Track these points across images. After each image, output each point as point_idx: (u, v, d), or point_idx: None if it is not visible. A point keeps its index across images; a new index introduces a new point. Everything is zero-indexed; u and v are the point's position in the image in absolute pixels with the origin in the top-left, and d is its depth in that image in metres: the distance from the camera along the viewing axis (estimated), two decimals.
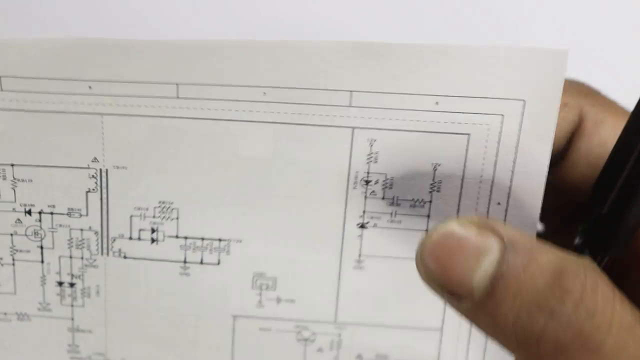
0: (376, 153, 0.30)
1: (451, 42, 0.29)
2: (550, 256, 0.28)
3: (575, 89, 0.32)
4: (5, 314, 0.34)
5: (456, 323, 0.33)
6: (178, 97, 0.30)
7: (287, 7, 0.50)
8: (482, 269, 0.28)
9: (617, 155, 0.31)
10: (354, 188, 0.31)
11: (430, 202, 0.31)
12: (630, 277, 0.34)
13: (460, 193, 0.31)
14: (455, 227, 0.28)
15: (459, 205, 0.31)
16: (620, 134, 0.31)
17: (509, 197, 0.31)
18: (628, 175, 0.31)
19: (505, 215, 0.31)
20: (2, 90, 0.29)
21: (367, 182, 0.31)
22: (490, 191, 0.31)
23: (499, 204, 0.31)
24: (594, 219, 0.32)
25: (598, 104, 0.33)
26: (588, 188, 0.32)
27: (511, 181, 0.30)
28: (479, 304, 0.28)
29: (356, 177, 0.31)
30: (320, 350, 0.34)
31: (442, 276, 0.29)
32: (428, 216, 0.32)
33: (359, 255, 0.32)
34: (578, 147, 0.33)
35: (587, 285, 0.28)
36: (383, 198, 0.31)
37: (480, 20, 0.51)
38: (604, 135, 0.32)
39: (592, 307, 0.28)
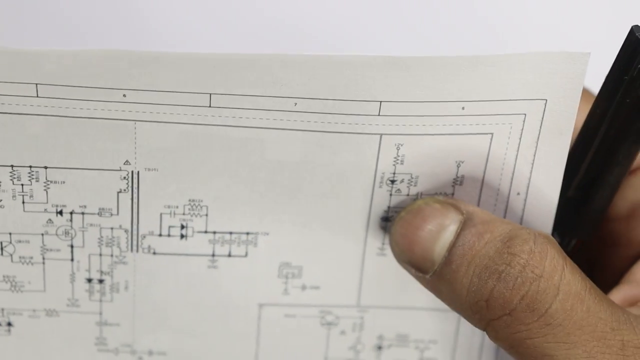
0: (402, 156, 0.32)
1: (478, 53, 0.30)
2: (504, 227, 0.30)
3: None
4: (34, 310, 0.35)
5: None
6: (210, 106, 0.30)
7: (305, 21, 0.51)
8: (442, 240, 0.30)
9: (582, 140, 0.32)
10: (380, 187, 0.32)
11: (453, 194, 0.33)
12: (598, 262, 0.36)
13: (482, 185, 0.32)
14: (420, 204, 0.31)
15: (479, 195, 0.33)
16: (585, 120, 0.32)
17: (528, 188, 0.32)
18: (592, 159, 0.32)
19: (524, 205, 0.33)
20: (38, 96, 0.30)
21: (393, 181, 0.32)
22: (511, 182, 0.32)
23: (518, 194, 0.33)
24: (560, 202, 0.33)
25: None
26: None
27: (531, 173, 0.32)
28: (439, 274, 0.31)
29: (382, 178, 0.32)
30: (343, 332, 0.35)
31: (408, 251, 0.31)
32: None
33: (382, 244, 0.34)
34: None
35: (536, 250, 0.29)
36: (408, 195, 0.33)
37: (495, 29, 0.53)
38: (579, 123, 0.33)
39: (538, 271, 0.29)
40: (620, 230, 0.35)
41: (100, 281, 0.34)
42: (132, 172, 0.32)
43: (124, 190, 0.32)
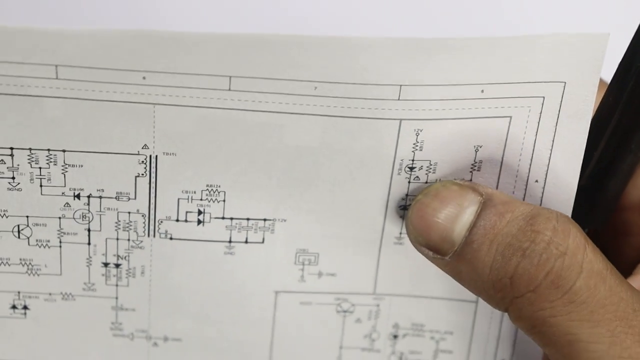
0: (422, 142, 0.31)
1: (496, 35, 0.30)
2: (525, 207, 0.30)
3: None
4: (50, 294, 0.35)
5: None
6: (230, 90, 0.30)
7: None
8: (462, 221, 0.30)
9: (594, 128, 0.32)
10: (398, 174, 0.32)
11: (471, 180, 0.33)
12: (611, 251, 0.36)
13: (500, 171, 0.32)
14: (437, 187, 0.31)
15: (498, 182, 0.33)
16: (597, 108, 0.32)
17: (546, 175, 0.32)
18: (605, 148, 0.32)
19: (543, 192, 0.32)
20: (57, 78, 0.30)
21: (412, 168, 0.32)
22: (529, 169, 0.32)
23: (536, 181, 0.32)
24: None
25: None
26: None
27: (549, 159, 0.32)
28: (460, 254, 0.30)
29: (401, 165, 0.32)
30: (358, 320, 0.35)
31: (425, 234, 0.31)
32: None
33: (400, 233, 0.34)
34: None
35: (559, 228, 0.29)
36: (426, 182, 0.33)
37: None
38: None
39: (562, 248, 0.29)
40: (633, 219, 0.35)
41: (117, 265, 0.34)
42: (150, 156, 0.32)
43: (142, 174, 0.32)
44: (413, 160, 0.32)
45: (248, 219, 0.33)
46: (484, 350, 0.36)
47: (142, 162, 0.32)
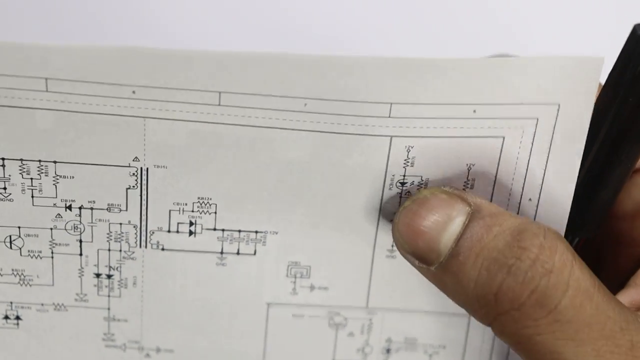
0: (413, 158, 0.31)
1: (491, 55, 0.29)
2: (513, 220, 0.30)
3: None
4: (42, 304, 0.35)
5: None
6: (220, 105, 0.30)
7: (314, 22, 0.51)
8: (449, 232, 0.30)
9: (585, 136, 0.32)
10: (390, 189, 0.32)
11: None
12: (604, 260, 0.35)
13: (493, 190, 0.32)
14: (426, 194, 0.31)
15: (491, 201, 0.32)
16: (591, 114, 0.31)
17: (540, 194, 0.32)
18: (595, 158, 0.32)
19: (536, 210, 0.32)
20: (47, 91, 0.30)
21: (403, 184, 0.32)
22: (522, 188, 0.32)
23: (530, 200, 0.32)
24: None
25: None
26: None
27: (543, 179, 0.32)
28: (445, 266, 0.30)
29: (392, 180, 0.32)
30: (351, 334, 0.35)
31: (412, 241, 0.30)
32: None
33: (392, 246, 0.33)
34: None
35: (546, 245, 0.29)
36: None
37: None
38: None
39: (549, 266, 0.29)
40: (625, 229, 0.35)
41: (109, 276, 0.34)
42: (142, 168, 0.32)
43: (133, 186, 0.32)
44: (404, 176, 0.32)
45: (240, 231, 0.33)
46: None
47: (134, 174, 0.32)
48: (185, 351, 0.36)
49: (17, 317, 0.35)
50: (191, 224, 0.33)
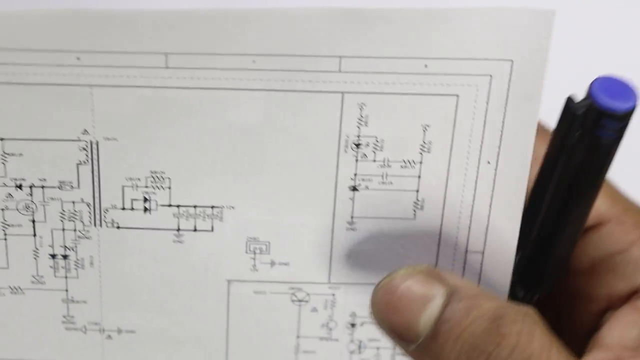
0: (366, 117, 0.31)
1: (438, 5, 0.29)
2: (491, 303, 0.30)
3: None
4: None
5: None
6: (167, 67, 0.30)
7: None
8: (428, 314, 0.30)
9: (533, 200, 0.33)
10: (345, 152, 0.31)
11: (421, 162, 0.32)
12: (564, 313, 0.36)
13: (450, 153, 0.31)
14: (404, 274, 0.31)
15: (449, 165, 0.32)
16: (535, 181, 0.33)
17: (498, 156, 0.31)
18: (544, 218, 0.33)
19: (495, 174, 0.31)
20: None
21: (358, 145, 0.31)
22: (480, 150, 0.31)
23: (488, 162, 0.31)
24: (520, 259, 0.33)
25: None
26: None
27: (500, 140, 0.31)
28: (424, 347, 0.30)
29: (347, 141, 0.31)
30: (314, 310, 0.34)
31: (391, 320, 0.31)
32: (419, 177, 0.32)
33: (352, 217, 0.33)
34: None
35: (524, 331, 0.29)
36: (374, 161, 0.32)
37: None
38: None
39: (527, 353, 0.29)
40: (582, 285, 0.35)
41: (65, 257, 0.33)
42: (91, 142, 0.31)
43: (84, 162, 0.32)
44: (359, 137, 0.31)
45: (195, 206, 0.33)
46: None
47: (84, 148, 0.31)
48: (147, 331, 0.35)
49: None
50: (145, 200, 0.32)
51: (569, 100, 0.30)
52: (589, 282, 0.35)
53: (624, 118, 0.29)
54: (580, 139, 0.30)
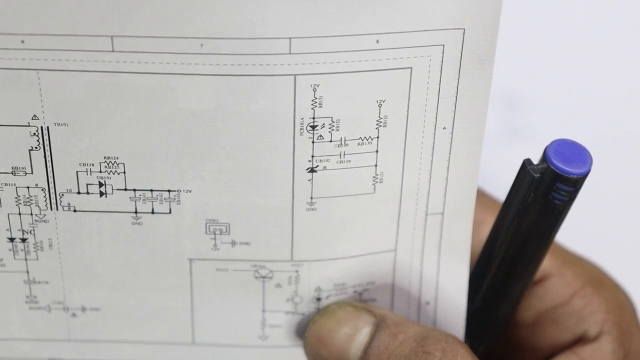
0: (320, 98, 0.30)
1: None
2: (417, 328, 0.32)
3: None
4: None
5: (409, 242, 0.34)
6: (113, 51, 0.29)
7: None
8: (357, 342, 0.32)
9: (484, 258, 0.34)
10: (301, 134, 0.31)
11: (378, 137, 0.31)
12: None
13: (407, 124, 0.31)
14: (333, 308, 0.33)
15: (405, 136, 0.31)
16: (486, 240, 0.34)
17: (454, 121, 0.31)
18: (494, 276, 0.34)
19: (452, 138, 0.31)
20: None
21: (314, 127, 0.31)
22: (436, 117, 0.31)
23: (444, 128, 0.31)
24: (468, 312, 0.35)
25: (482, 204, 0.36)
26: None
27: (455, 105, 0.30)
28: None
29: (302, 123, 0.30)
30: (278, 285, 0.34)
31: (322, 353, 0.32)
32: (376, 151, 0.31)
33: (311, 198, 0.32)
34: None
35: (448, 349, 0.31)
36: (331, 141, 0.31)
37: None
38: (484, 235, 0.35)
39: None
40: (526, 336, 0.37)
41: (23, 240, 0.33)
42: (42, 127, 0.31)
43: (36, 147, 0.31)
44: (314, 118, 0.30)
45: (152, 190, 0.32)
46: (407, 294, 0.35)
47: (34, 134, 0.31)
48: (112, 308, 0.35)
49: None
50: (100, 184, 0.32)
51: (526, 163, 0.31)
52: (534, 334, 0.36)
53: (578, 182, 0.30)
54: (534, 200, 0.31)
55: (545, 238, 0.32)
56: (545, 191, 0.31)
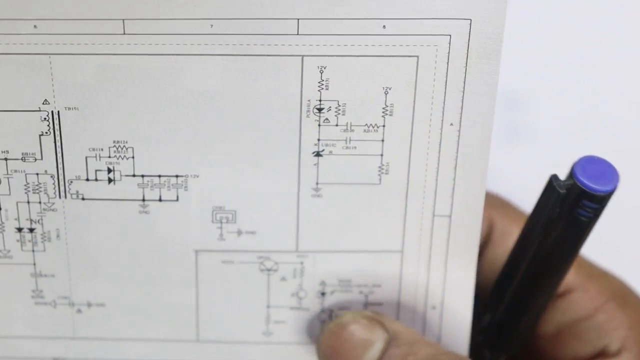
0: (327, 80, 0.31)
1: None
2: (428, 349, 0.32)
3: (486, 201, 0.33)
4: None
5: (416, 244, 0.34)
6: (125, 34, 0.30)
7: None
8: (368, 357, 0.32)
9: (507, 271, 0.34)
10: (307, 116, 0.31)
11: (384, 126, 0.31)
12: None
13: (413, 116, 0.31)
14: (348, 319, 0.33)
15: (412, 128, 0.31)
16: (510, 254, 0.34)
17: (461, 118, 0.31)
18: (517, 288, 0.34)
19: (459, 135, 0.31)
20: None
21: (320, 109, 0.31)
22: (443, 112, 0.31)
23: (451, 124, 0.31)
24: (490, 323, 0.35)
25: (507, 216, 0.36)
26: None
27: (462, 101, 0.31)
28: None
29: (308, 106, 0.31)
30: (283, 279, 0.34)
31: None
32: (382, 140, 0.32)
33: (317, 184, 0.32)
34: (485, 256, 0.37)
35: None
36: (337, 125, 0.31)
37: None
38: (510, 246, 0.35)
39: None
40: (547, 348, 0.37)
41: (31, 230, 0.33)
42: (52, 112, 0.31)
43: (46, 132, 0.32)
44: (320, 101, 0.31)
45: (160, 176, 0.32)
46: (413, 298, 0.35)
47: (45, 119, 0.31)
48: (116, 304, 0.35)
49: None
50: (109, 170, 0.32)
51: (553, 179, 0.31)
52: (555, 346, 0.36)
53: (604, 199, 0.30)
54: (560, 216, 0.31)
55: (570, 253, 0.33)
56: (570, 207, 0.31)
